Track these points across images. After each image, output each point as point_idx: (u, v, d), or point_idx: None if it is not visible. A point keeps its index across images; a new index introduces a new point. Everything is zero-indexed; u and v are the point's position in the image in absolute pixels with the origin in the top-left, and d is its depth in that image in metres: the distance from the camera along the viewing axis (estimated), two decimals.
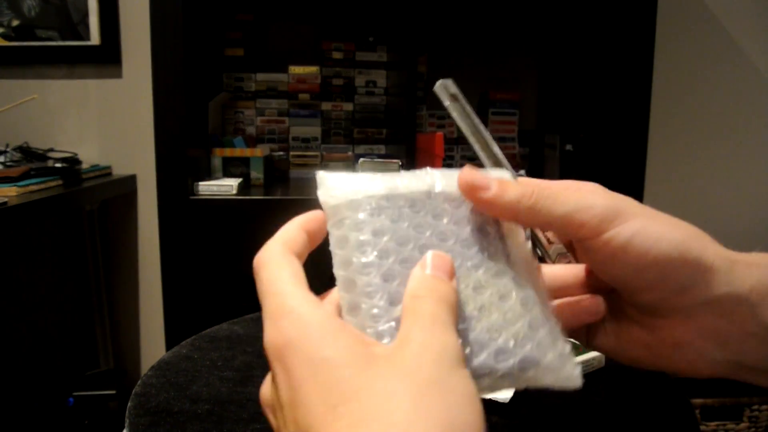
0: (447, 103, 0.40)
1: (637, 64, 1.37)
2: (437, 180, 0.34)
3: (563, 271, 0.39)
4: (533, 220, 0.35)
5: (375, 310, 0.28)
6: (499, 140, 1.70)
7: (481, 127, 0.40)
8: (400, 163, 1.37)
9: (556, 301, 0.37)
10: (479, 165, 0.38)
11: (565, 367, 0.32)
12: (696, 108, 1.83)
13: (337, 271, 0.30)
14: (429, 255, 0.30)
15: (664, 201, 1.82)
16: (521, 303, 0.32)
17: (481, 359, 0.29)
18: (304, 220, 0.33)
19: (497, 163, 0.39)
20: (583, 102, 1.59)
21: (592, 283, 0.38)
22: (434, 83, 0.40)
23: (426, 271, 0.29)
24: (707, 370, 0.35)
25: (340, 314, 0.30)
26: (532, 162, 1.72)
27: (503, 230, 0.34)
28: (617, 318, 0.37)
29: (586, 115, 1.57)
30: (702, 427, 1.41)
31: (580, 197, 0.34)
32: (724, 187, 1.86)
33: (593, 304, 0.37)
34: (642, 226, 0.33)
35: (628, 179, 1.38)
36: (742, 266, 0.34)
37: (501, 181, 0.34)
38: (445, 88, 0.40)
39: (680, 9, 1.78)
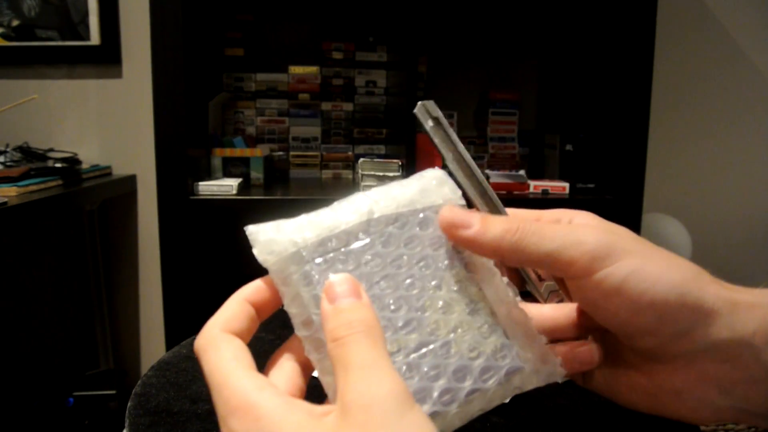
0: (428, 126, 0.37)
1: (637, 64, 1.37)
2: (373, 205, 0.32)
3: (554, 312, 0.36)
4: (519, 259, 0.33)
5: None
6: (499, 140, 1.70)
7: (466, 154, 0.37)
8: (401, 163, 1.37)
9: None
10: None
11: (547, 364, 0.32)
12: (696, 108, 1.83)
13: (300, 332, 0.29)
14: (332, 282, 0.28)
15: (664, 201, 1.82)
16: (490, 313, 0.31)
17: (468, 384, 0.29)
18: (247, 292, 0.31)
19: (482, 193, 0.36)
20: (583, 102, 1.59)
21: (586, 324, 0.36)
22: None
23: (334, 303, 0.28)
24: (711, 417, 0.33)
25: (290, 388, 0.29)
26: (532, 162, 1.72)
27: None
28: (613, 361, 0.35)
29: (586, 115, 1.57)
30: (702, 428, 1.41)
31: (568, 232, 0.32)
32: (725, 186, 1.86)
33: (588, 353, 0.35)
34: (637, 266, 0.31)
35: (628, 179, 1.38)
36: (745, 308, 0.31)
37: (483, 217, 0.33)
38: (426, 111, 0.37)
39: (680, 9, 1.78)
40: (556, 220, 0.36)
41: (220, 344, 0.29)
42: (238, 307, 0.30)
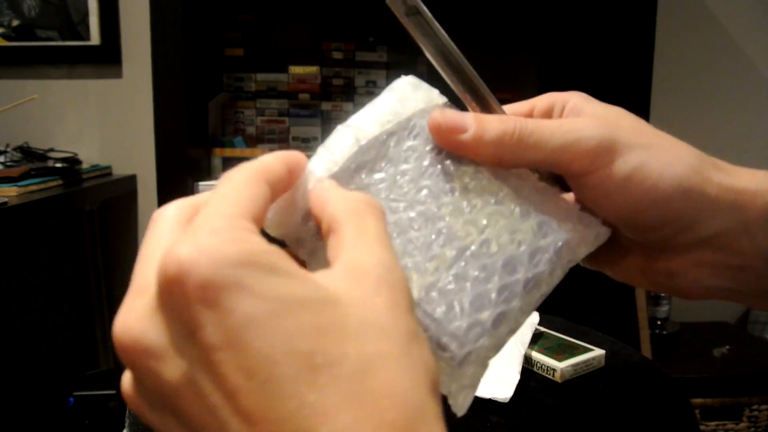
0: (403, 18, 0.31)
1: (637, 62, 1.36)
2: (357, 132, 0.29)
3: None
4: (518, 162, 0.31)
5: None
6: None
7: (451, 46, 0.32)
8: None
9: None
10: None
11: (590, 227, 0.31)
12: (697, 106, 1.83)
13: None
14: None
15: None
16: (515, 197, 0.30)
17: (521, 274, 0.28)
18: (266, 171, 0.26)
19: (472, 89, 0.33)
20: None
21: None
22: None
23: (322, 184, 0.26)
24: (702, 294, 0.34)
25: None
26: None
27: None
28: (610, 242, 0.34)
29: None
30: (702, 427, 1.41)
31: (568, 130, 0.31)
32: None
33: None
34: (640, 162, 0.30)
35: None
36: (746, 197, 0.31)
37: (477, 118, 0.31)
38: (400, 1, 0.30)
39: (680, 8, 1.77)
40: (548, 108, 0.35)
41: (249, 182, 0.25)
42: (261, 191, 0.25)
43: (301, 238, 0.27)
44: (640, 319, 1.49)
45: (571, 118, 0.33)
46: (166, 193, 1.30)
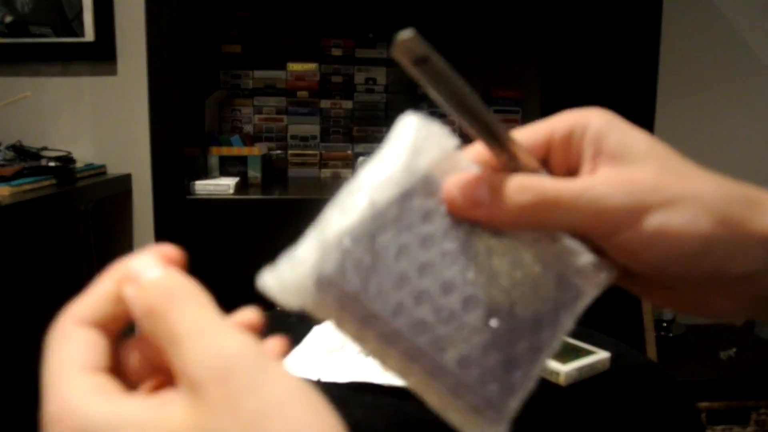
0: (413, 69, 0.28)
1: (642, 61, 1.36)
2: (372, 193, 0.27)
3: None
4: (538, 227, 0.31)
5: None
6: None
7: (468, 91, 0.29)
8: None
9: None
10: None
11: (600, 273, 0.31)
12: (702, 106, 1.82)
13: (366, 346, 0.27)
14: (125, 266, 0.26)
15: None
16: (545, 252, 0.30)
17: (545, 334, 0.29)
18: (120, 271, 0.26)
19: (492, 137, 0.30)
20: (586, 99, 1.57)
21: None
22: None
23: (137, 283, 0.25)
24: (728, 317, 0.34)
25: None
26: None
27: None
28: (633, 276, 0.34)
29: None
30: (708, 431, 1.41)
31: (592, 198, 0.29)
32: None
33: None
34: (662, 223, 0.29)
35: None
36: None
37: (493, 186, 0.30)
38: (407, 50, 0.27)
39: (686, 6, 1.76)
40: (568, 134, 0.33)
41: (64, 340, 0.25)
42: (104, 289, 0.26)
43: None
44: (646, 321, 1.48)
45: (593, 176, 0.31)
46: (162, 193, 1.30)
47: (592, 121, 0.32)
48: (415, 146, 0.29)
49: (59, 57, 1.63)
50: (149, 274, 0.25)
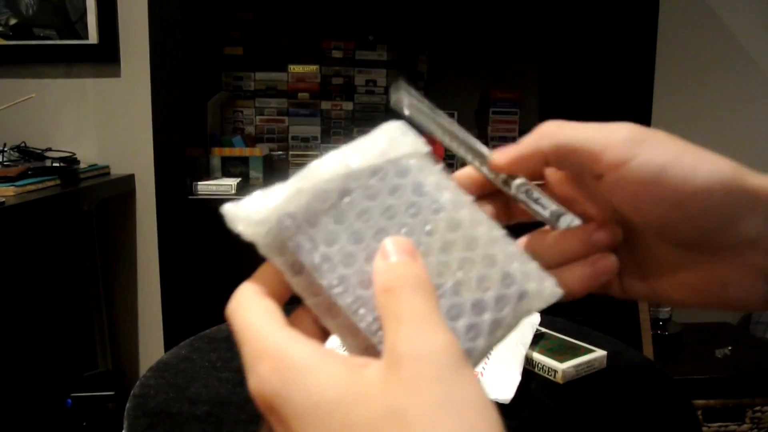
0: (408, 113, 0.36)
1: (639, 62, 1.36)
2: (348, 159, 0.31)
3: (560, 238, 0.36)
4: (551, 154, 0.35)
5: (370, 326, 0.27)
6: (500, 140, 1.70)
7: (454, 124, 0.37)
8: None
9: (568, 266, 0.35)
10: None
11: (545, 282, 0.32)
12: (698, 107, 1.83)
13: (308, 300, 0.29)
14: (386, 243, 0.28)
15: None
16: (487, 243, 0.31)
17: (488, 316, 0.29)
18: None
19: (481, 159, 0.37)
20: (584, 101, 1.59)
21: (598, 240, 0.35)
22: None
23: (390, 259, 0.27)
24: (760, 304, 0.32)
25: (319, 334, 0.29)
26: None
27: (432, 180, 0.32)
28: (652, 264, 0.34)
29: (588, 114, 1.56)
30: (704, 429, 1.41)
31: (598, 125, 0.32)
32: None
33: (608, 260, 0.34)
34: (675, 155, 0.30)
35: None
36: None
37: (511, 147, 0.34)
38: (399, 103, 0.36)
39: (682, 8, 1.77)
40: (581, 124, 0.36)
41: (251, 303, 0.28)
42: (271, 268, 0.29)
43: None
44: (642, 320, 1.49)
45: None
46: (165, 193, 1.30)
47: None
48: (393, 138, 0.33)
49: (63, 59, 1.63)
50: (396, 258, 0.27)
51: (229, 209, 0.29)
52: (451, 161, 1.69)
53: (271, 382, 0.24)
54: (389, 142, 0.32)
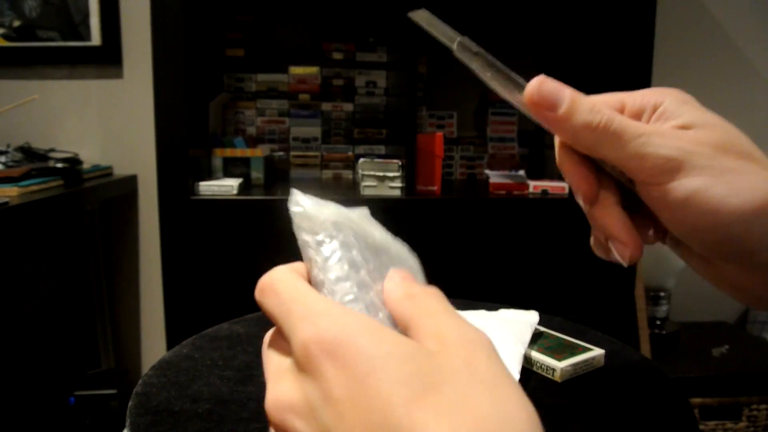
0: (471, 61, 0.37)
1: (636, 62, 1.37)
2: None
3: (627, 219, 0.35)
4: (593, 151, 0.33)
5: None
6: (499, 140, 1.70)
7: (508, 70, 0.37)
8: (401, 164, 1.37)
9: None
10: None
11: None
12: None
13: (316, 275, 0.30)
14: (393, 271, 0.30)
15: None
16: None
17: None
18: None
19: (516, 86, 0.37)
20: None
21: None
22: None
23: (396, 280, 0.29)
24: (763, 308, 0.34)
25: None
26: (531, 162, 1.72)
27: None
28: (678, 245, 0.35)
29: None
30: (701, 427, 1.42)
31: (644, 142, 0.31)
32: None
33: (635, 248, 0.34)
34: (701, 187, 0.30)
35: None
36: None
37: (573, 98, 0.33)
38: (464, 47, 0.36)
39: (679, 8, 1.78)
40: (640, 109, 0.35)
41: (296, 278, 0.28)
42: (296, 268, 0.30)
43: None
44: (640, 318, 1.49)
45: (655, 125, 0.33)
46: (167, 193, 1.31)
47: (665, 99, 0.34)
48: (398, 250, 0.34)
49: (66, 60, 1.64)
50: (401, 279, 0.29)
51: (300, 201, 0.30)
52: (450, 161, 1.69)
53: (335, 331, 0.24)
54: (395, 246, 0.34)
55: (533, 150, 1.73)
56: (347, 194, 1.39)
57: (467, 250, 1.79)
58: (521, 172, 1.44)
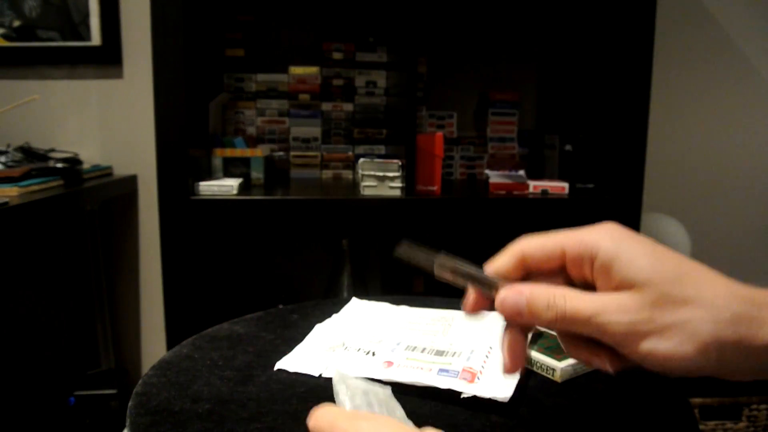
0: (451, 279, 0.43)
1: (636, 63, 1.37)
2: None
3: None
4: (564, 331, 0.40)
5: None
6: (499, 140, 1.71)
7: (480, 272, 0.42)
8: (401, 164, 1.37)
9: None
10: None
11: None
12: (695, 107, 1.83)
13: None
14: None
15: (664, 201, 1.83)
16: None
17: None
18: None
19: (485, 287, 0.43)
20: (582, 102, 1.59)
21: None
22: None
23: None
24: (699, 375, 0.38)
25: None
26: (531, 162, 1.72)
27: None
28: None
29: (586, 115, 1.57)
30: (701, 427, 1.42)
31: (601, 322, 0.37)
32: (725, 186, 1.87)
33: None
34: (653, 348, 0.36)
35: (627, 179, 1.39)
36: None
37: (529, 304, 0.39)
38: (442, 266, 0.43)
39: (679, 9, 1.78)
40: (578, 258, 0.40)
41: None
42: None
43: None
44: None
45: (601, 300, 0.38)
46: (167, 193, 1.31)
47: (600, 250, 0.39)
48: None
49: (66, 60, 1.64)
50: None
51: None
52: (450, 161, 1.70)
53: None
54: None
55: (533, 150, 1.74)
56: (347, 194, 1.40)
57: (467, 250, 1.79)
58: (521, 172, 1.44)
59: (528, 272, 0.42)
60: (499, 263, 0.42)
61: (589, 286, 0.40)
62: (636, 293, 0.37)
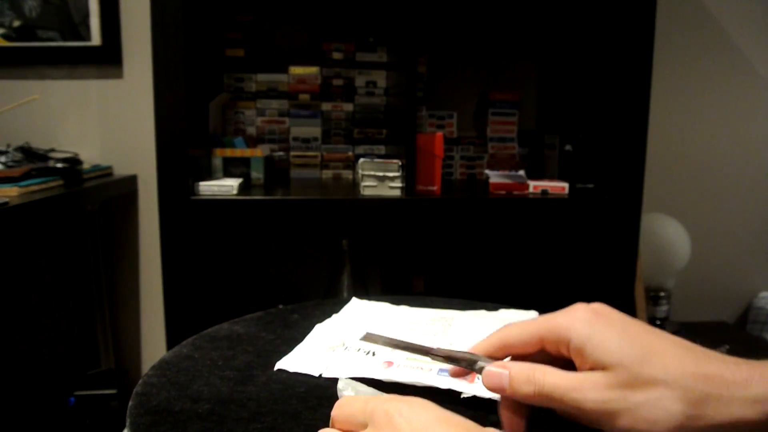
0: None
1: (636, 64, 1.37)
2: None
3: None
4: (545, 406, 0.43)
5: None
6: (499, 140, 1.71)
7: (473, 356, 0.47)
8: (401, 163, 1.37)
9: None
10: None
11: None
12: (695, 107, 1.84)
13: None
14: None
15: (664, 201, 1.83)
16: None
17: None
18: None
19: (472, 366, 0.47)
20: (582, 102, 1.59)
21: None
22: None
23: None
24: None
25: None
26: (531, 162, 1.72)
27: None
28: None
29: (586, 115, 1.57)
30: None
31: (574, 398, 0.40)
32: (724, 186, 1.87)
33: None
34: (627, 426, 0.38)
35: (627, 179, 1.39)
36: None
37: (511, 381, 0.42)
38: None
39: (680, 10, 1.78)
40: (555, 343, 0.43)
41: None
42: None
43: None
44: (640, 318, 1.49)
45: (575, 379, 0.41)
46: (167, 193, 1.31)
47: (572, 334, 0.42)
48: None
49: (66, 60, 1.64)
50: None
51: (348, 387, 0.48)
52: (450, 161, 1.70)
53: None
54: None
55: (533, 150, 1.74)
56: (347, 194, 1.40)
57: (467, 250, 1.79)
58: (521, 172, 1.44)
59: (510, 355, 0.46)
60: (484, 345, 0.47)
61: (570, 363, 0.43)
62: (608, 373, 0.40)
